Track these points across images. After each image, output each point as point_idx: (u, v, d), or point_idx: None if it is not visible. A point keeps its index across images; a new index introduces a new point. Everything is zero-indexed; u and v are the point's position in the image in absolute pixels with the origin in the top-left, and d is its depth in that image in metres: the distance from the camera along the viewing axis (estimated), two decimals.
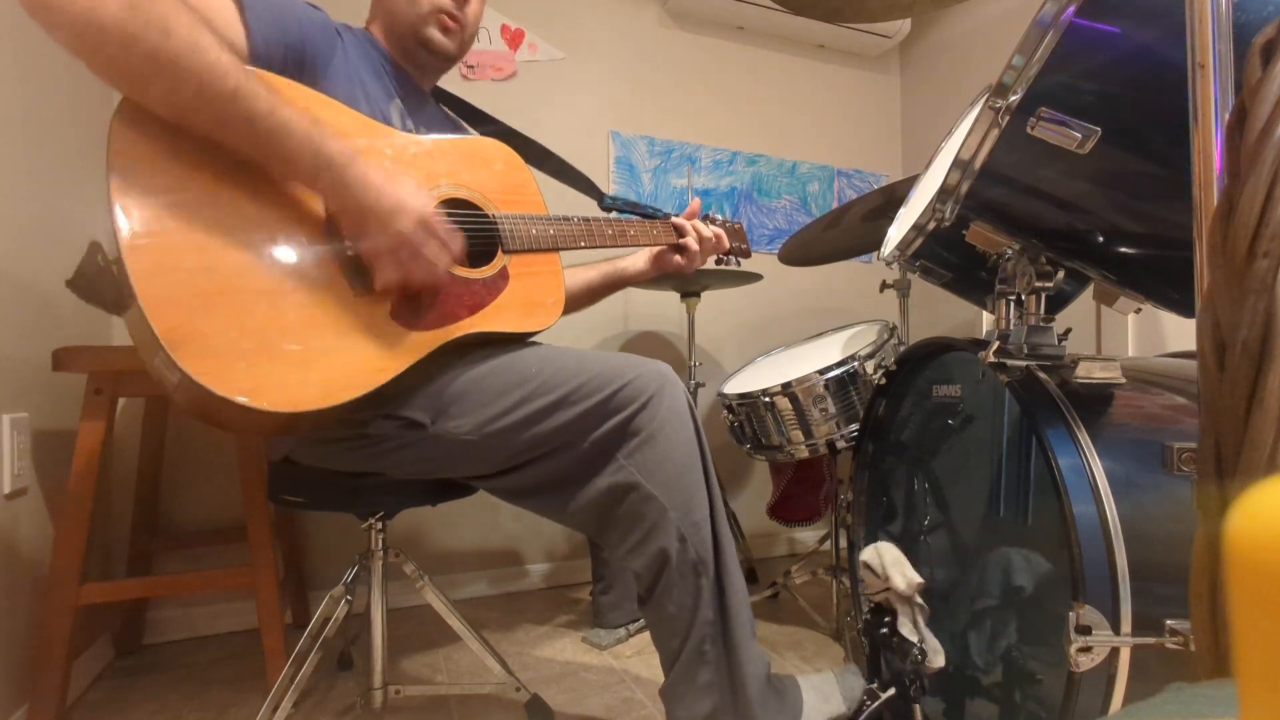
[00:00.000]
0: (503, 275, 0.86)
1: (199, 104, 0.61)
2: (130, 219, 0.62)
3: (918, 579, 0.80)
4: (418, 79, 0.98)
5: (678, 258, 1.11)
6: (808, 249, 1.61)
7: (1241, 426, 0.32)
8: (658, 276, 1.14)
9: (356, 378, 0.71)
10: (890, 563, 0.82)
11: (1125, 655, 0.59)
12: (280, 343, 0.67)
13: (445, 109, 1.06)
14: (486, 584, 1.71)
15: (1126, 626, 0.59)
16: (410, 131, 0.87)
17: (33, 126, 1.08)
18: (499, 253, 0.87)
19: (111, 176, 0.62)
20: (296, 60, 0.77)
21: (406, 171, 0.80)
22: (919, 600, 0.81)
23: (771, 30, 2.05)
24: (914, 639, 0.80)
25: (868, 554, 0.85)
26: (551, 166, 1.10)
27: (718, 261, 1.20)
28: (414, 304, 0.77)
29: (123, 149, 0.63)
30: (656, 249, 1.11)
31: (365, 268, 0.73)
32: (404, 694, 1.03)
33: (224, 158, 0.66)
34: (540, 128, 1.76)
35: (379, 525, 0.98)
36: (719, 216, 1.19)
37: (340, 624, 0.94)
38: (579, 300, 1.12)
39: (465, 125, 1.08)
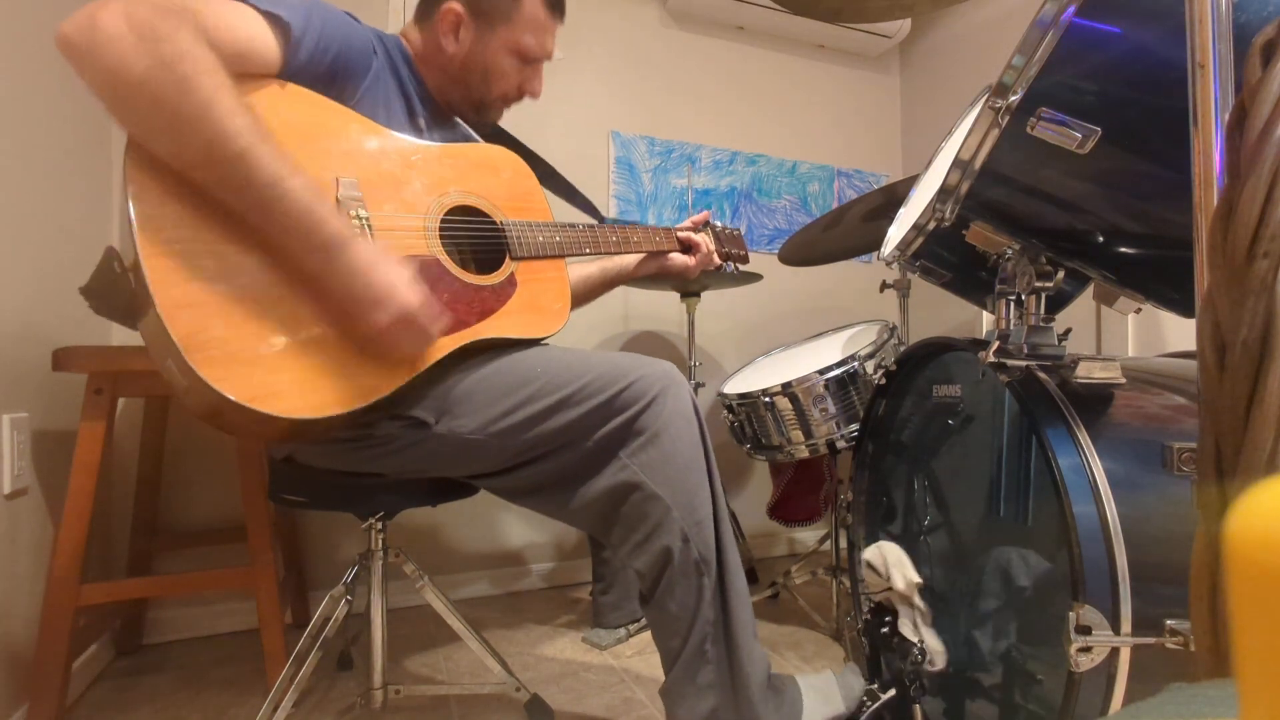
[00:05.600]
0: (510, 282, 0.87)
1: (202, 162, 0.62)
2: (148, 224, 0.62)
3: (916, 579, 0.80)
4: (444, 107, 0.99)
5: (681, 258, 1.12)
6: (808, 249, 1.61)
7: (1241, 426, 0.32)
8: (659, 276, 1.15)
9: (369, 384, 0.72)
10: (892, 562, 0.82)
11: (1125, 655, 0.59)
12: (294, 349, 0.68)
13: (466, 126, 1.06)
14: (487, 584, 1.71)
15: (1126, 626, 0.59)
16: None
17: (32, 126, 1.08)
18: (506, 259, 0.88)
19: (129, 181, 0.62)
20: (327, 79, 0.78)
21: (411, 198, 0.80)
22: (919, 602, 0.81)
23: (771, 30, 2.05)
24: (914, 639, 0.80)
25: (870, 553, 0.85)
26: (556, 186, 1.11)
27: (716, 269, 1.22)
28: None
29: (139, 154, 0.63)
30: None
31: None
32: (404, 694, 1.03)
33: None
34: (540, 128, 1.76)
35: (379, 525, 0.98)
36: (718, 224, 1.20)
37: (340, 624, 0.94)
38: (579, 297, 1.12)
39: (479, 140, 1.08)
